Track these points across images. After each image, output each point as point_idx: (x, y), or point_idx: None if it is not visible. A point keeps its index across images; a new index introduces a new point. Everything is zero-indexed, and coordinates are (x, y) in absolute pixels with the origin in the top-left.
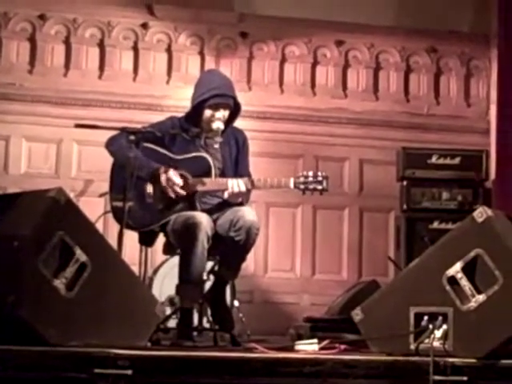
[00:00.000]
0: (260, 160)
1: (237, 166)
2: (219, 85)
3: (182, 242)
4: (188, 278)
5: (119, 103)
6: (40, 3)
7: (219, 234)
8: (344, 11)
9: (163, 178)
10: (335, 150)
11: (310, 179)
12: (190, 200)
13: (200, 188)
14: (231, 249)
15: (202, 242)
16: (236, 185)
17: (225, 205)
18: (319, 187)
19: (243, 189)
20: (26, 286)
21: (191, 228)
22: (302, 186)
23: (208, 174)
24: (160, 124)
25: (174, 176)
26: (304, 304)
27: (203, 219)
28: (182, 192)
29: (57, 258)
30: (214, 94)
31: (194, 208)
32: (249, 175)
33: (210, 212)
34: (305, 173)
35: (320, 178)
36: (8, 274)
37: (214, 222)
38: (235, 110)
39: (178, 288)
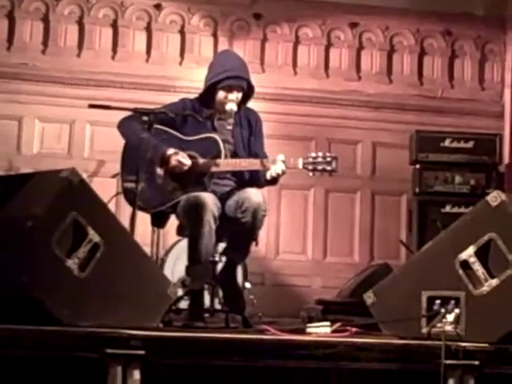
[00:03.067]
0: (272, 142)
1: (249, 147)
2: (233, 66)
3: (188, 223)
4: (197, 259)
5: (132, 84)
6: None
7: (227, 215)
8: None
9: (172, 160)
10: (348, 133)
11: (319, 160)
12: (199, 181)
13: (211, 169)
14: (238, 230)
15: (209, 223)
16: (279, 168)
17: (234, 186)
18: (328, 168)
19: (284, 169)
20: (39, 265)
21: (197, 209)
22: (310, 167)
23: (218, 154)
24: (172, 105)
25: (184, 157)
26: (315, 286)
27: (208, 199)
28: (186, 167)
29: (70, 239)
30: (228, 76)
31: (203, 189)
32: (264, 156)
33: (220, 193)
34: (314, 154)
35: (329, 159)
36: (21, 253)
37: (224, 203)
38: (249, 92)
39: (188, 269)
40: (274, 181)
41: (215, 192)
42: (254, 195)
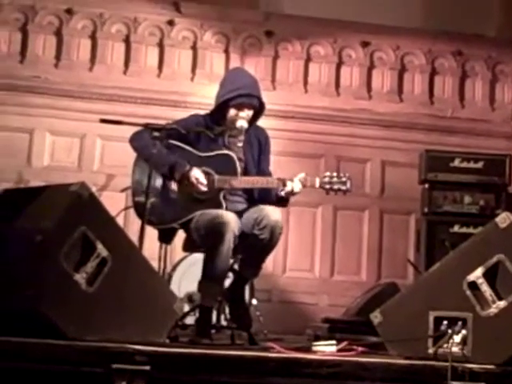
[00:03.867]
0: (282, 159)
1: (259, 164)
2: (245, 84)
3: (208, 240)
4: (211, 276)
5: (143, 99)
6: None
7: (243, 232)
8: (370, 12)
9: (190, 177)
10: (357, 151)
11: (335, 179)
12: (215, 197)
13: (226, 186)
14: (254, 247)
15: (229, 242)
16: (297, 186)
17: (249, 203)
18: (343, 188)
19: (301, 188)
20: (47, 279)
21: (218, 227)
22: (327, 186)
23: (233, 171)
24: (184, 121)
25: (199, 175)
26: (322, 304)
27: (231, 219)
28: (205, 189)
29: (78, 253)
30: (239, 94)
31: (219, 205)
32: (270, 174)
33: (232, 210)
34: (329, 173)
35: (344, 179)
36: (29, 267)
37: (238, 219)
38: (259, 110)
39: (201, 285)
40: (285, 201)
41: (227, 209)
42: (272, 213)
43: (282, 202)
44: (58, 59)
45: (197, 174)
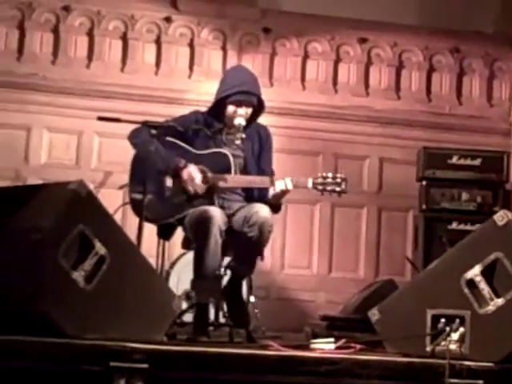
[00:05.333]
0: (279, 156)
1: (259, 162)
2: (244, 82)
3: (195, 236)
4: (202, 273)
5: (140, 96)
6: None
7: (234, 230)
8: (368, 9)
9: (183, 172)
10: (355, 148)
11: (329, 180)
12: (208, 195)
13: (220, 184)
14: (245, 244)
15: (215, 237)
16: (284, 185)
17: (243, 201)
18: (337, 189)
19: (290, 188)
20: (45, 277)
21: (204, 222)
22: (320, 187)
23: (228, 170)
24: (183, 118)
25: (194, 171)
26: (320, 301)
27: (216, 213)
28: (201, 188)
29: (76, 251)
30: (238, 91)
31: (212, 203)
32: (272, 172)
33: (228, 208)
34: (324, 174)
35: (339, 180)
36: (28, 265)
37: (231, 217)
38: (259, 108)
39: (193, 283)
40: (276, 202)
41: (223, 207)
42: (261, 210)
43: (273, 205)
44: (55, 56)
45: (191, 171)
